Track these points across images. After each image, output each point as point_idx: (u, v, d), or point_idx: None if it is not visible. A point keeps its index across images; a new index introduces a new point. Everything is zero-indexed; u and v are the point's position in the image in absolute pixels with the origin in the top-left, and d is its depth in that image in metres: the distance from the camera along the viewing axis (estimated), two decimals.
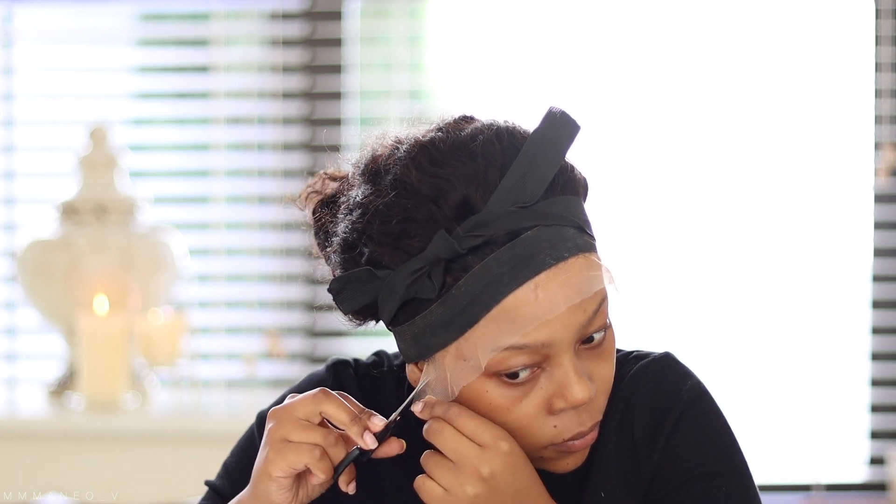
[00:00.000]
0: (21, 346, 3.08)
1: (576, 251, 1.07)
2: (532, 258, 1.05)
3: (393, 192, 1.08)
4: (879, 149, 2.97)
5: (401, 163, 1.09)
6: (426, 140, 1.10)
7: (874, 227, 3.00)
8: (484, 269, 1.05)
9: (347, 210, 1.13)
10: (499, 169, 1.07)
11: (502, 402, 1.09)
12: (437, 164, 1.08)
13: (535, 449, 1.11)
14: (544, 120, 1.09)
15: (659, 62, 3.00)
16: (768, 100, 3.00)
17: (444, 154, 1.08)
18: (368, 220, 1.09)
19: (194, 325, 2.91)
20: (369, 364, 1.26)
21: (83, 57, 3.08)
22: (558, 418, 1.09)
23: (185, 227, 2.98)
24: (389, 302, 1.09)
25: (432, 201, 1.07)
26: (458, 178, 1.07)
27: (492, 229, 1.05)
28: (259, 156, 3.04)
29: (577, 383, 1.08)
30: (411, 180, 1.08)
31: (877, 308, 3.01)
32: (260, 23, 3.05)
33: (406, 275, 1.07)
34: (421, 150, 1.09)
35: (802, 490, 2.96)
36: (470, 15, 3.05)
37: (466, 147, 1.08)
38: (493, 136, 1.09)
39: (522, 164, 1.07)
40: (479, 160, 1.07)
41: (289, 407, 1.10)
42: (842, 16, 3.01)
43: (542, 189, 1.07)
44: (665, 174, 3.00)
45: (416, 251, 1.07)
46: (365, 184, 1.12)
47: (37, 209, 3.00)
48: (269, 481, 1.09)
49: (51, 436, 2.57)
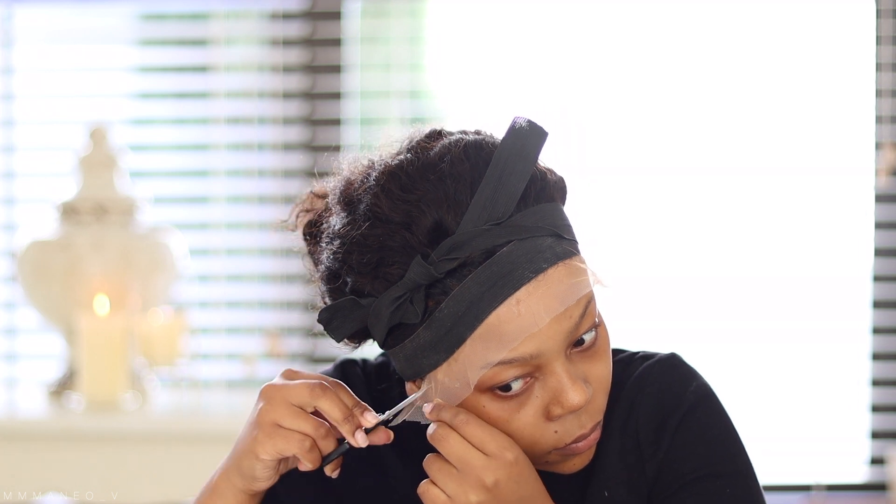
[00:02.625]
0: (21, 346, 3.08)
1: (554, 260, 1.07)
2: (510, 274, 1.05)
3: (367, 223, 1.08)
4: (880, 149, 2.97)
5: (371, 191, 1.09)
6: (395, 165, 1.10)
7: (874, 227, 3.00)
8: (463, 290, 1.05)
9: (329, 239, 1.13)
10: (469, 187, 1.07)
11: (500, 415, 1.09)
12: (406, 189, 1.07)
13: (539, 455, 1.11)
14: (509, 132, 1.08)
15: (659, 61, 3.00)
16: (769, 100, 2.99)
17: (413, 178, 1.08)
18: (347, 250, 1.10)
19: (194, 325, 2.91)
20: (378, 364, 1.27)
21: (83, 57, 3.08)
22: (558, 423, 1.10)
23: (185, 227, 2.98)
24: (377, 328, 1.09)
25: (405, 228, 1.07)
26: (428, 203, 1.06)
27: (467, 250, 1.05)
28: (259, 156, 3.04)
29: (572, 389, 1.08)
30: (383, 209, 1.08)
31: (877, 308, 3.01)
32: (260, 23, 3.05)
33: (388, 302, 1.07)
34: (390, 177, 1.09)
35: (803, 490, 2.96)
36: (470, 15, 3.05)
37: (435, 168, 1.08)
38: (460, 153, 1.08)
39: (492, 180, 1.06)
40: (448, 181, 1.07)
41: (284, 390, 1.10)
42: (842, 16, 3.01)
43: (513, 203, 1.06)
44: (665, 174, 3.00)
45: (396, 278, 1.07)
46: (342, 212, 1.12)
47: (37, 209, 3.00)
48: (255, 461, 1.10)
49: (51, 436, 2.57)
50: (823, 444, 3.02)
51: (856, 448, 3.02)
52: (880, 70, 2.97)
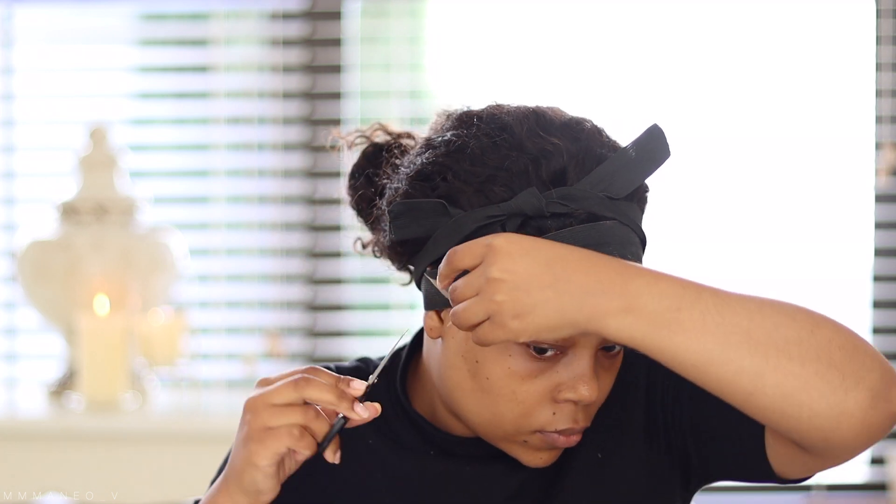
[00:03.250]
0: (21, 346, 3.08)
1: (634, 259, 1.10)
2: (601, 246, 1.07)
3: (495, 138, 1.11)
4: (880, 149, 2.97)
5: (510, 115, 1.12)
6: (535, 107, 1.14)
7: (874, 227, 3.00)
8: (556, 237, 1.06)
9: (428, 146, 1.14)
10: (596, 159, 1.10)
11: (519, 371, 1.10)
12: (546, 130, 1.11)
13: (524, 430, 1.13)
14: (648, 131, 1.11)
15: (659, 62, 3.00)
16: (769, 100, 3.00)
17: (555, 125, 1.12)
18: (457, 157, 1.11)
19: (194, 325, 2.91)
20: (351, 369, 1.26)
21: (83, 57, 3.08)
22: (559, 406, 1.12)
23: (185, 227, 2.98)
24: (447, 241, 1.09)
25: (533, 160, 1.09)
26: (563, 151, 1.09)
27: (578, 204, 1.08)
28: (259, 156, 3.04)
29: (590, 381, 1.11)
30: (519, 134, 1.10)
31: (877, 308, 3.01)
32: (260, 23, 3.05)
33: (481, 218, 1.08)
34: (532, 114, 1.13)
35: (803, 490, 2.96)
36: (470, 15, 3.05)
37: (574, 128, 1.12)
38: (596, 128, 1.13)
39: (617, 161, 1.10)
40: (584, 143, 1.11)
41: (265, 396, 1.09)
42: (842, 16, 3.01)
43: (627, 191, 1.10)
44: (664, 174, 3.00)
45: (499, 199, 1.08)
46: (457, 128, 1.14)
47: (37, 209, 3.00)
48: (256, 471, 1.08)
49: (51, 436, 2.57)
50: None
51: None
52: (880, 70, 2.97)
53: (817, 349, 1.01)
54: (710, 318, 1.02)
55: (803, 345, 1.01)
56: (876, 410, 1.01)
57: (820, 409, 1.01)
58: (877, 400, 1.01)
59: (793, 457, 1.12)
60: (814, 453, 1.06)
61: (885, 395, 1.01)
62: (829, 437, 1.02)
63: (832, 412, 1.00)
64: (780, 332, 1.02)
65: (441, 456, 1.20)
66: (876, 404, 1.01)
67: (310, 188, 3.02)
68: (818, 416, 1.01)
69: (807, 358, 1.01)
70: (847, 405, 1.00)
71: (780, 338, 1.01)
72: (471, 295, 1.02)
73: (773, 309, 1.03)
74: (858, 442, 1.02)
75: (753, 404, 1.02)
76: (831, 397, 1.00)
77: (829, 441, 1.02)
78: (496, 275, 1.01)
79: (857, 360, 1.01)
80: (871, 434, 1.02)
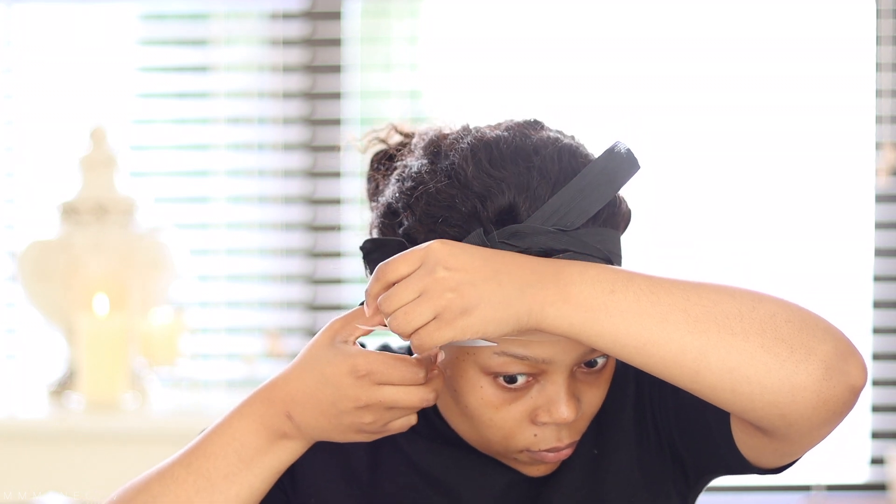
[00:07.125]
0: (21, 346, 3.08)
1: None
2: None
3: (446, 180, 1.10)
4: (880, 149, 2.97)
5: (461, 153, 1.11)
6: (491, 137, 1.12)
7: (874, 227, 3.00)
8: None
9: (400, 177, 1.15)
10: (551, 187, 1.08)
11: (493, 401, 1.11)
12: (494, 165, 1.09)
13: (511, 450, 1.15)
14: (606, 154, 1.09)
15: (658, 62, 3.00)
16: (769, 100, 2.99)
17: (504, 158, 1.10)
18: (416, 196, 1.11)
19: (194, 325, 2.91)
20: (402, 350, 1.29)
21: (84, 57, 3.08)
22: (539, 429, 1.13)
23: (185, 227, 2.98)
24: None
25: (479, 199, 1.08)
26: (509, 185, 1.08)
27: (527, 242, 1.06)
28: (259, 156, 3.04)
29: (566, 403, 1.11)
30: (466, 173, 1.09)
31: (877, 308, 3.01)
32: (260, 23, 3.05)
33: None
34: (484, 147, 1.11)
35: (803, 490, 2.96)
36: (470, 14, 3.05)
37: (527, 157, 1.10)
38: (555, 153, 1.10)
39: (574, 189, 1.07)
40: (535, 173, 1.08)
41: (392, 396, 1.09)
42: (842, 16, 3.01)
43: (585, 218, 1.08)
44: (664, 174, 3.00)
45: (451, 239, 1.08)
46: (424, 157, 1.14)
47: (37, 209, 3.00)
48: (358, 436, 1.11)
49: (51, 436, 2.57)
50: (823, 444, 3.01)
51: (856, 448, 3.02)
52: (880, 70, 2.97)
53: (761, 323, 1.00)
54: (644, 299, 1.01)
55: (745, 319, 1.00)
56: (830, 382, 0.99)
57: (770, 384, 0.99)
58: (831, 372, 0.99)
59: (759, 442, 1.10)
60: (777, 435, 1.05)
61: (840, 367, 0.99)
62: (784, 412, 1.00)
63: (783, 386, 0.99)
64: (720, 307, 1.00)
65: (447, 444, 1.22)
66: (830, 376, 0.99)
67: (310, 188, 3.02)
68: (769, 391, 0.99)
69: (750, 332, 0.99)
70: (798, 378, 0.99)
71: (720, 313, 1.00)
72: (410, 299, 1.02)
73: (710, 288, 1.02)
74: (817, 417, 1.00)
75: (701, 383, 1.01)
76: (780, 371, 0.99)
77: (787, 417, 1.01)
78: (441, 273, 1.01)
79: (806, 332, 0.99)
80: (829, 408, 1.00)
